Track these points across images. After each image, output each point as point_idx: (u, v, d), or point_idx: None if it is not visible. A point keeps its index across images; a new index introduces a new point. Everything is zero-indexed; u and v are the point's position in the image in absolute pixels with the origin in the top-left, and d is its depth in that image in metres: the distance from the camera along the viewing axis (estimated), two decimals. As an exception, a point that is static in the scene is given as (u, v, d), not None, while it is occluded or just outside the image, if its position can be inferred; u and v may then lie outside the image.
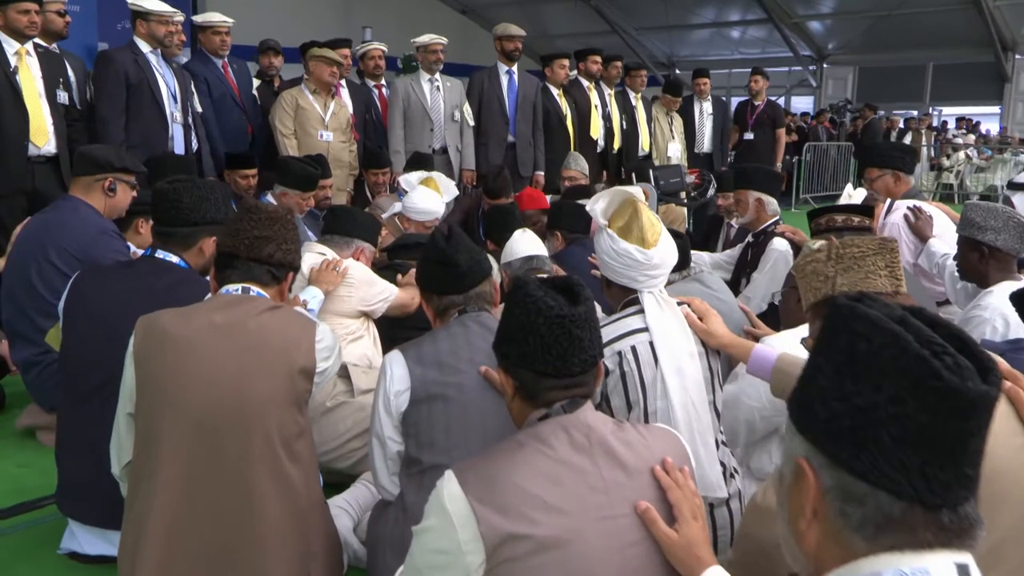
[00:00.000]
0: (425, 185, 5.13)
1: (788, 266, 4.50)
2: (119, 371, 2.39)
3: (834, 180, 16.88)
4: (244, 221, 2.23)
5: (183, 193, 2.62)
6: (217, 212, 2.70)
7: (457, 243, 2.40)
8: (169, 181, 2.68)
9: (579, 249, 4.31)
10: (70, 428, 2.57)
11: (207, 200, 2.66)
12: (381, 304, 3.46)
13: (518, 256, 3.29)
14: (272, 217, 2.25)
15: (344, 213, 3.55)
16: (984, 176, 17.26)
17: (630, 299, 2.47)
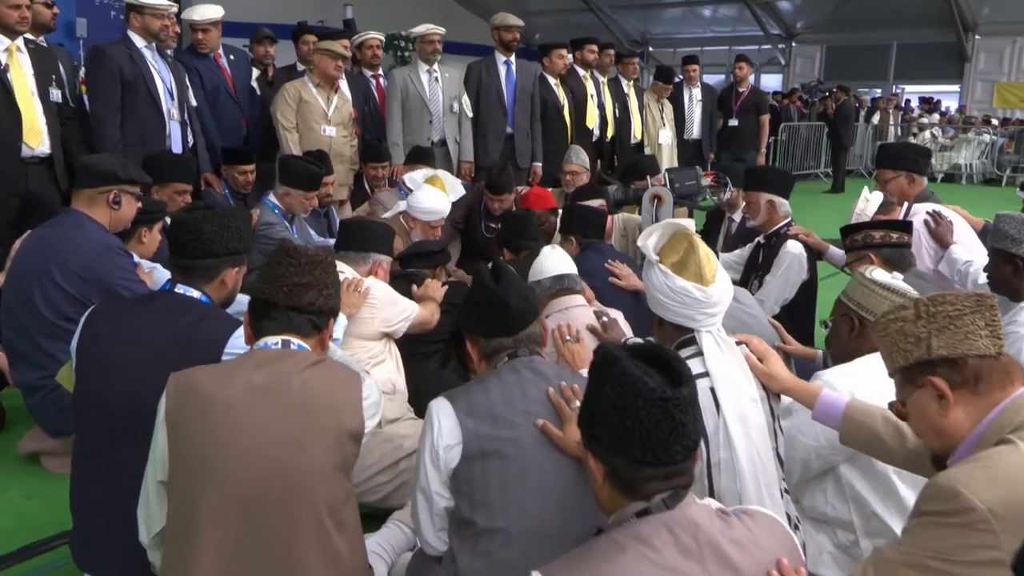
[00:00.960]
0: (431, 184, 4.87)
1: (802, 269, 4.32)
2: (140, 419, 2.15)
3: (806, 159, 16.78)
4: (282, 266, 1.97)
5: (204, 223, 2.34)
6: (239, 242, 2.43)
7: (507, 283, 2.16)
8: (188, 210, 2.40)
9: (595, 255, 4.08)
10: (85, 479, 2.31)
11: (228, 229, 2.39)
12: (403, 324, 3.22)
13: (548, 275, 3.05)
14: (313, 261, 2.00)
15: (357, 227, 3.28)
16: (949, 155, 17.22)
17: (685, 339, 2.25)
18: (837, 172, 14.51)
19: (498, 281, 2.16)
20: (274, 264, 1.98)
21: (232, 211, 2.42)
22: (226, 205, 5.36)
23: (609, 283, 3.92)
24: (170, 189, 4.44)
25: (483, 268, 2.22)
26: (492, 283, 2.16)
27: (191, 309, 2.32)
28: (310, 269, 1.98)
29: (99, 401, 2.27)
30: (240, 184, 5.47)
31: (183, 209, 2.41)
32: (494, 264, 2.27)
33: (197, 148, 5.36)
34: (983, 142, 17.11)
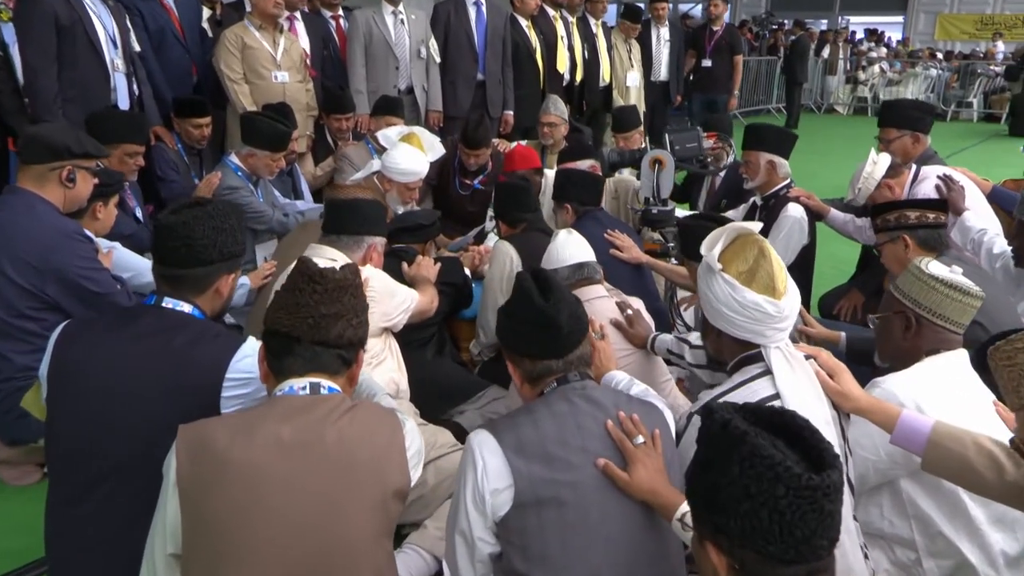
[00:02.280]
0: (407, 142, 4.50)
1: (803, 234, 4.13)
2: (130, 461, 1.87)
3: (756, 94, 16.62)
4: (305, 294, 1.66)
5: (194, 227, 2.00)
6: (235, 244, 2.10)
7: (557, 299, 1.89)
8: (174, 211, 2.05)
9: (593, 224, 3.79)
10: (62, 528, 1.99)
11: (222, 231, 2.05)
12: (403, 316, 2.92)
13: (566, 264, 2.78)
14: (341, 286, 1.69)
15: (348, 208, 2.94)
16: (896, 89, 17.23)
17: (750, 355, 2.01)
18: (792, 108, 14.37)
19: (547, 297, 1.89)
20: (294, 290, 1.67)
21: (225, 210, 2.08)
22: (179, 161, 4.92)
23: (610, 255, 3.67)
24: (120, 151, 4.00)
25: (527, 280, 1.94)
26: (540, 299, 1.88)
27: (184, 327, 2.00)
28: (338, 296, 1.68)
29: (79, 439, 1.95)
30: (195, 139, 5.00)
31: (170, 211, 2.05)
32: (538, 274, 1.98)
33: (144, 99, 4.86)
34: (930, 76, 17.16)
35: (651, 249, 4.01)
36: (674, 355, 2.58)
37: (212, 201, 2.10)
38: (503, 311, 1.98)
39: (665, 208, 3.99)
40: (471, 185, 5.28)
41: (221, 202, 2.11)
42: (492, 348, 3.56)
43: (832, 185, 8.90)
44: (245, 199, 4.21)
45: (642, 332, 2.66)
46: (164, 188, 4.83)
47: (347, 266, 1.77)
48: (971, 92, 16.44)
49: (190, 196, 4.65)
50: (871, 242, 4.24)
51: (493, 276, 3.40)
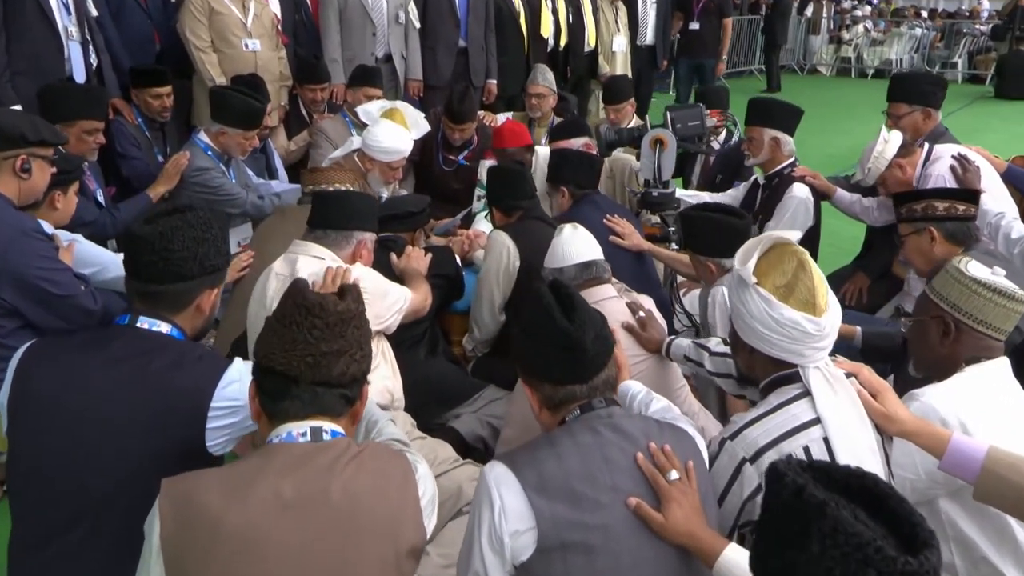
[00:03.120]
0: (389, 118, 4.30)
1: (808, 215, 4.00)
2: (101, 498, 1.72)
3: (736, 54, 16.41)
4: (303, 329, 1.48)
5: (173, 239, 1.82)
6: (218, 256, 1.92)
7: (582, 319, 1.74)
8: (150, 221, 1.85)
9: (591, 209, 3.64)
10: (24, 573, 1.83)
11: (204, 242, 1.87)
12: (396, 317, 2.75)
13: (572, 262, 2.62)
14: (343, 319, 1.52)
15: (336, 201, 2.75)
16: (880, 50, 17.15)
17: (786, 374, 1.88)
18: (771, 69, 14.21)
19: (571, 317, 1.74)
20: (290, 325, 1.49)
21: (206, 218, 1.89)
22: (140, 136, 4.67)
23: (610, 243, 3.52)
24: (77, 128, 3.75)
25: (547, 297, 1.78)
26: (564, 320, 1.73)
27: (162, 350, 1.82)
28: (340, 331, 1.50)
29: (45, 475, 1.77)
30: (155, 110, 4.74)
31: (144, 220, 1.86)
32: (558, 289, 1.83)
33: (102, 69, 4.59)
34: (914, 36, 17.07)
35: (651, 233, 3.87)
36: (691, 362, 2.45)
37: (191, 208, 1.91)
38: (521, 331, 1.82)
39: (666, 191, 3.84)
40: (455, 161, 5.10)
41: (202, 209, 1.92)
42: (486, 343, 3.42)
43: (820, 153, 8.79)
44: (216, 181, 3.99)
45: (656, 336, 2.52)
46: (125, 166, 4.59)
47: (350, 292, 1.60)
48: (956, 52, 16.38)
49: (154, 174, 4.50)
50: (879, 223, 4.14)
51: (489, 268, 3.24)
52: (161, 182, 3.98)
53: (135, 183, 4.57)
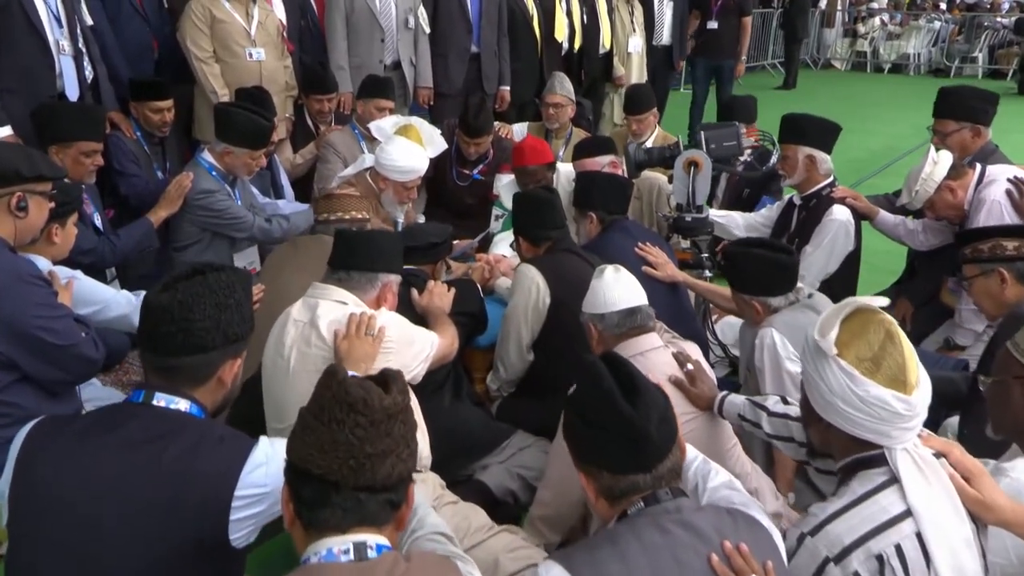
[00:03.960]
0: (404, 135, 4.15)
1: (849, 239, 3.87)
2: None
3: (751, 49, 16.23)
4: (344, 428, 1.34)
5: (194, 307, 1.68)
6: (242, 323, 1.78)
7: (647, 402, 1.60)
8: (167, 287, 1.71)
9: (620, 236, 3.51)
10: None
11: (227, 308, 1.73)
12: (423, 366, 2.61)
13: (615, 308, 2.47)
14: (390, 415, 1.38)
15: (361, 241, 2.60)
16: (897, 43, 16.99)
17: (870, 456, 1.74)
18: (790, 66, 14.06)
19: (634, 402, 1.60)
20: (329, 423, 1.35)
21: (229, 281, 1.75)
22: (139, 152, 4.52)
23: (643, 273, 3.38)
24: (74, 150, 3.63)
25: (605, 378, 1.64)
26: (626, 404, 1.59)
27: (181, 432, 1.68)
28: (387, 429, 1.37)
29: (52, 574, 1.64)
30: (155, 125, 4.60)
31: (161, 287, 1.72)
32: (617, 365, 1.69)
33: (99, 81, 4.44)
34: (933, 29, 16.90)
35: (682, 259, 3.73)
36: (747, 422, 2.32)
37: (212, 268, 1.77)
38: (576, 414, 1.68)
39: (700, 215, 3.69)
40: (470, 175, 4.97)
41: (224, 271, 1.78)
42: (512, 383, 3.28)
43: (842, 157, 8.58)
44: (221, 203, 3.85)
45: (707, 392, 2.38)
46: (123, 183, 4.44)
47: (395, 381, 1.46)
48: (976, 46, 16.22)
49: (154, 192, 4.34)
50: (925, 247, 4.00)
51: (517, 305, 3.10)
52: (163, 205, 3.84)
53: (134, 202, 4.43)
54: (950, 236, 3.79)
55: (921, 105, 4.12)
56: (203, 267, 1.79)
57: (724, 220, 4.19)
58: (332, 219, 3.37)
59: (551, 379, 3.14)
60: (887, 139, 9.78)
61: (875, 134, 9.95)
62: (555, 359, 3.11)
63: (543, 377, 3.18)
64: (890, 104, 12.71)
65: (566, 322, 3.04)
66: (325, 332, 2.44)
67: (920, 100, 13.49)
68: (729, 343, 3.96)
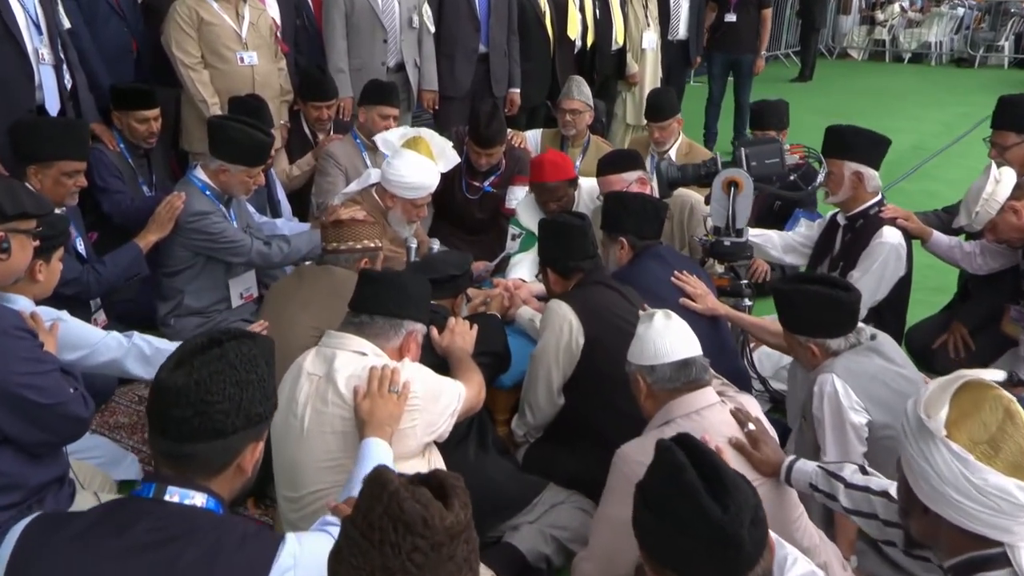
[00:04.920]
0: (413, 148, 4.01)
1: (900, 263, 3.75)
2: None
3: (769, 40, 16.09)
4: (400, 553, 1.21)
5: (212, 387, 1.54)
6: (265, 400, 1.65)
7: (738, 502, 1.47)
8: (180, 364, 1.57)
9: (654, 264, 3.37)
10: None
11: (248, 385, 1.60)
12: (449, 422, 2.47)
13: (667, 360, 2.33)
14: (452, 534, 1.25)
15: (387, 284, 2.44)
16: (918, 31, 16.89)
17: (986, 556, 1.60)
18: (807, 57, 13.93)
19: (723, 502, 1.46)
20: (380, 543, 1.22)
21: (250, 352, 1.61)
22: (123, 165, 4.37)
23: (680, 306, 3.25)
24: (55, 171, 3.47)
25: (686, 471, 1.51)
26: (714, 506, 1.46)
27: (197, 532, 1.53)
28: (449, 551, 1.24)
29: None
30: (140, 136, 4.47)
31: (174, 363, 1.58)
32: (694, 450, 1.55)
33: (78, 91, 4.29)
34: (955, 16, 16.81)
35: (720, 286, 3.60)
36: (820, 492, 2.18)
37: (232, 336, 1.63)
38: (650, 510, 1.55)
39: (739, 239, 3.56)
40: (480, 188, 4.84)
41: (244, 340, 1.64)
42: (540, 429, 3.15)
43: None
44: (216, 226, 3.70)
45: (772, 456, 2.25)
46: (106, 200, 4.31)
47: (455, 491, 1.32)
48: (1002, 35, 16.13)
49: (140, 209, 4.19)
50: (982, 271, 3.89)
51: (547, 346, 2.97)
52: (152, 229, 3.69)
53: (118, 220, 4.30)
54: (1012, 260, 3.67)
55: (947, 99, 4.00)
56: (220, 336, 1.65)
57: (760, 240, 4.06)
58: (343, 248, 3.23)
59: (583, 424, 3.03)
60: (915, 138, 9.66)
61: (901, 132, 9.80)
62: (588, 403, 2.99)
63: (574, 422, 3.05)
64: (914, 98, 12.58)
65: (600, 363, 2.91)
66: (344, 388, 2.30)
67: (946, 93, 13.50)
68: (767, 374, 3.84)
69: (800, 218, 4.88)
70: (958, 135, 10.02)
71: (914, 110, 11.58)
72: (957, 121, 10.82)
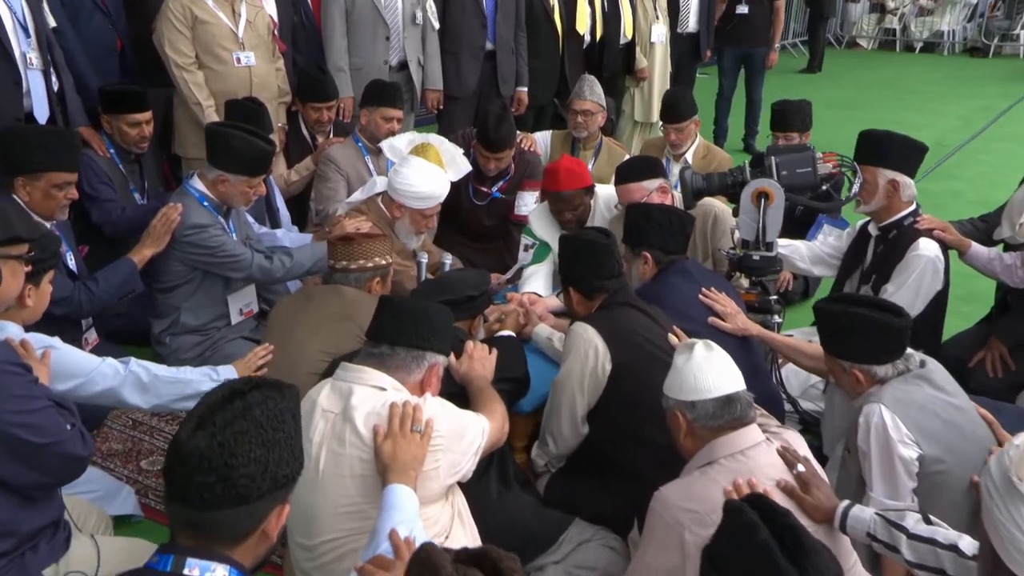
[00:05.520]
0: (421, 155, 3.92)
1: (937, 277, 3.66)
2: None
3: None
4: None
5: (237, 449, 1.46)
6: (293, 459, 1.56)
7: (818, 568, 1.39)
8: (202, 423, 1.48)
9: (681, 280, 3.29)
10: None
11: (276, 445, 1.51)
12: (474, 460, 2.38)
13: (709, 396, 2.24)
14: None
15: (410, 313, 2.33)
16: (930, 20, 16.81)
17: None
18: (815, 48, 13.85)
19: (802, 568, 1.39)
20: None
21: (277, 406, 1.53)
22: (113, 172, 4.27)
23: (709, 325, 3.17)
24: (44, 183, 3.36)
25: (759, 531, 1.42)
26: (793, 571, 1.38)
27: (215, 611, 1.45)
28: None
29: None
30: (132, 140, 4.37)
31: (194, 423, 1.48)
32: (771, 512, 1.47)
33: (65, 94, 4.18)
34: (969, 3, 16.73)
35: (747, 301, 3.51)
36: (880, 543, 2.10)
37: (253, 386, 1.55)
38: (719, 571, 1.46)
39: (769, 253, 3.48)
40: (488, 193, 4.75)
41: (271, 393, 1.55)
42: (562, 459, 3.06)
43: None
44: (215, 240, 3.60)
45: (824, 501, 2.16)
46: (96, 210, 4.21)
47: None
48: (1017, 23, 16.06)
49: (132, 219, 4.10)
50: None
51: (571, 372, 2.88)
52: (147, 243, 3.58)
53: (108, 231, 4.21)
54: (1056, 273, 3.60)
55: (963, 91, 3.91)
56: (242, 386, 1.56)
57: (787, 251, 3.97)
58: (352, 267, 3.14)
59: (609, 455, 2.94)
60: (933, 134, 9.55)
61: (919, 128, 9.70)
62: (615, 433, 2.90)
63: (599, 452, 2.96)
64: (929, 90, 12.51)
65: (628, 391, 2.83)
66: (362, 427, 2.20)
67: (961, 84, 13.41)
68: (795, 393, 3.76)
69: (824, 224, 4.80)
70: (977, 130, 9.95)
71: (930, 103, 11.51)
72: (975, 115, 10.75)
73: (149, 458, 3.52)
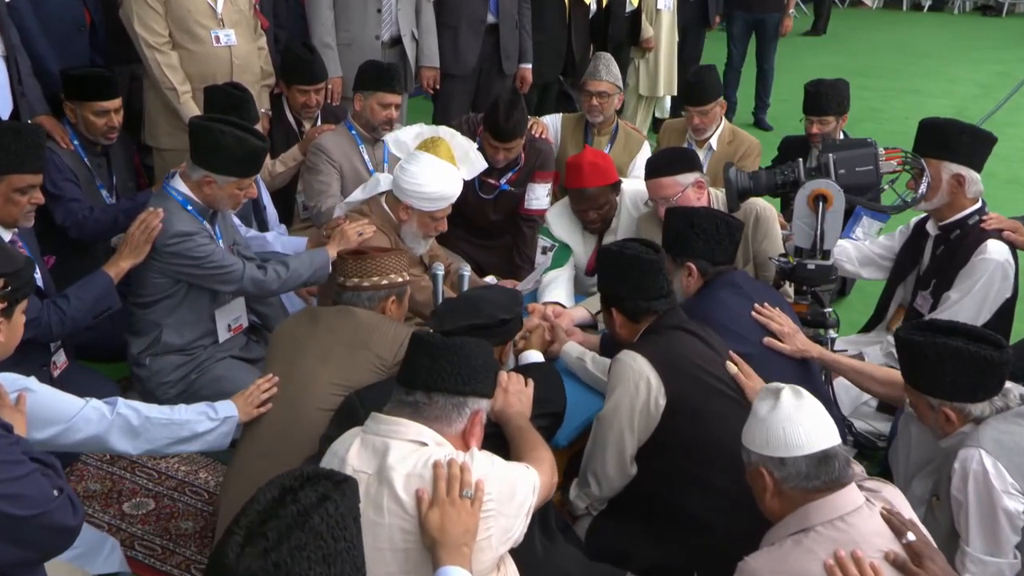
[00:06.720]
0: (431, 151, 3.71)
1: (1007, 282, 3.57)
2: None
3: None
4: None
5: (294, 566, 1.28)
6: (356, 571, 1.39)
7: None
8: (251, 537, 1.27)
9: (729, 294, 3.13)
10: None
11: (338, 558, 1.34)
12: (525, 522, 2.19)
13: (801, 453, 2.06)
14: None
15: (444, 353, 2.14)
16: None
17: None
18: (820, 8, 13.72)
19: None
20: None
21: (337, 510, 1.35)
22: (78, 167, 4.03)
23: (764, 346, 3.01)
24: (4, 186, 3.12)
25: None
26: None
27: None
28: None
29: None
30: (99, 131, 4.12)
31: (238, 534, 1.29)
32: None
33: (22, 77, 3.92)
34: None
35: (799, 312, 3.35)
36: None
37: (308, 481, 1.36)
38: None
39: (826, 263, 3.31)
40: (496, 186, 4.54)
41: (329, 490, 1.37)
42: (604, 501, 2.89)
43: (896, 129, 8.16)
44: (202, 249, 3.35)
45: (938, 573, 2.00)
46: (59, 210, 3.97)
47: None
48: (1031, -19, 16.01)
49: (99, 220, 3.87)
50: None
51: (619, 407, 2.69)
52: (124, 254, 3.33)
53: (74, 233, 3.97)
54: None
55: (978, 55, 3.75)
56: (293, 483, 1.37)
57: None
58: (365, 285, 2.93)
59: (662, 499, 2.77)
60: (952, 103, 9.45)
61: (936, 97, 9.62)
62: (668, 475, 2.73)
63: (650, 496, 2.79)
64: (942, 53, 12.40)
65: (684, 428, 2.67)
66: (403, 492, 2.01)
67: (974, 47, 13.29)
68: (846, 411, 3.61)
69: (863, 217, 4.64)
70: (999, 99, 9.83)
71: (944, 68, 11.39)
72: (994, 81, 10.65)
73: (132, 500, 3.31)
